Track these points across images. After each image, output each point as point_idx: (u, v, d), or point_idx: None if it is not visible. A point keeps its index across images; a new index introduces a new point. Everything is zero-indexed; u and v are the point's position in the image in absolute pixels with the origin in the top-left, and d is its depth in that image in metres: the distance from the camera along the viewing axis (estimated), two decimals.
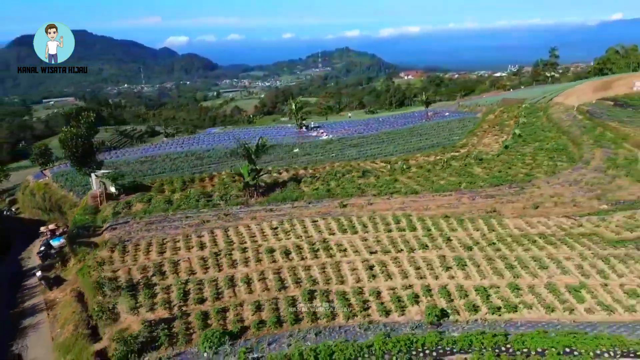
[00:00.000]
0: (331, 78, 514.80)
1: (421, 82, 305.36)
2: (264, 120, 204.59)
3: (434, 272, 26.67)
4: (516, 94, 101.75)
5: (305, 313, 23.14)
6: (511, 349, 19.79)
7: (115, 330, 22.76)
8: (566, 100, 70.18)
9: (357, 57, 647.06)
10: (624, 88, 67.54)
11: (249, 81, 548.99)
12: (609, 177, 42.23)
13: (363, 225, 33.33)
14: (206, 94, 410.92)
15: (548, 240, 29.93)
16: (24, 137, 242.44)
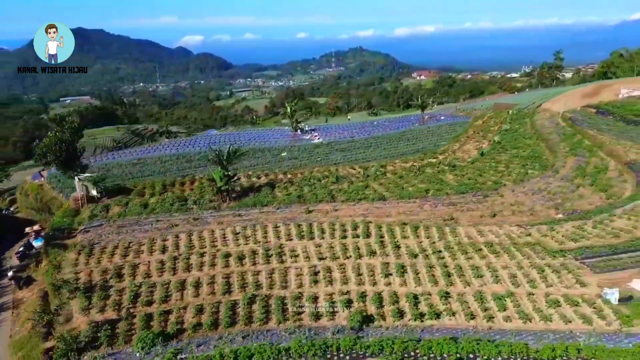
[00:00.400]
0: (344, 78, 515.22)
1: (433, 82, 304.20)
2: (268, 122, 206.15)
3: (374, 279, 27.93)
4: (517, 98, 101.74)
5: (241, 316, 24.62)
6: (419, 354, 20.99)
7: (65, 330, 24.53)
8: (553, 106, 70.44)
9: (371, 57, 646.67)
10: (610, 95, 67.50)
11: (262, 80, 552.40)
12: (573, 186, 42.89)
13: (321, 232, 34.70)
14: (219, 94, 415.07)
15: (492, 249, 30.94)
16: (39, 135, 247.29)
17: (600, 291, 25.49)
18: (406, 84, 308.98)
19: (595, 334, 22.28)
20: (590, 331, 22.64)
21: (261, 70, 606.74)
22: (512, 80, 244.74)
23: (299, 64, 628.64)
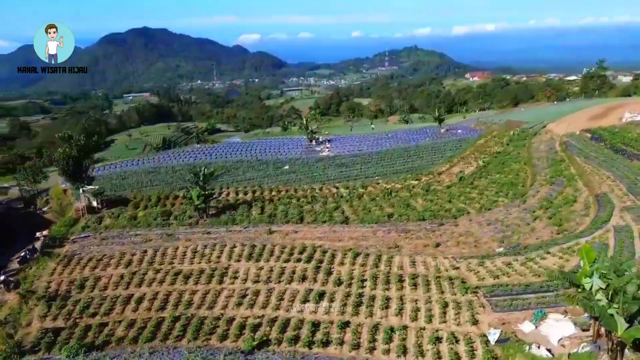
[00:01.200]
0: (396, 77, 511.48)
1: (486, 84, 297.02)
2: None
3: (291, 304, 30.89)
4: (550, 110, 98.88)
5: (161, 333, 28.43)
6: None
7: (22, 334, 29.37)
8: (557, 127, 69.55)
9: (425, 56, 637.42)
10: (616, 117, 65.81)
11: (314, 79, 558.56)
12: (531, 218, 43.59)
13: (270, 254, 37.98)
14: (270, 93, 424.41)
15: (414, 281, 32.95)
16: (99, 131, 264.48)
17: (487, 330, 27.18)
18: (458, 85, 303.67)
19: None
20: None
21: (314, 69, 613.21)
22: (570, 83, 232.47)
23: (352, 63, 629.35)
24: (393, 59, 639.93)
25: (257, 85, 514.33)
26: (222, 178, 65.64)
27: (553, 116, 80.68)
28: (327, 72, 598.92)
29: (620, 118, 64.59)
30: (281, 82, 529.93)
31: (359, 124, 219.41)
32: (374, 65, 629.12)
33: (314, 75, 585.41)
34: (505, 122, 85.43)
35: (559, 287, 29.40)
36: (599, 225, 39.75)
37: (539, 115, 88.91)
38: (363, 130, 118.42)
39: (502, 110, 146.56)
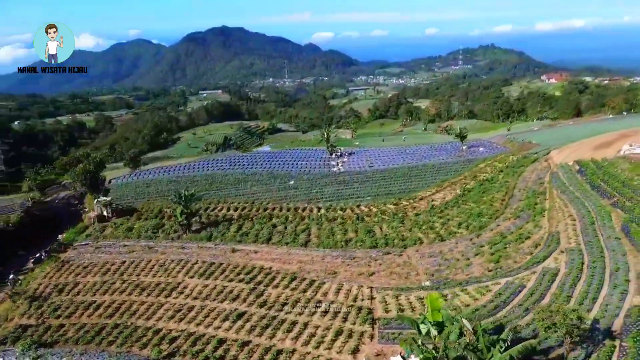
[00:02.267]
0: (469, 77, 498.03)
1: (562, 87, 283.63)
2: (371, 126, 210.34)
3: (212, 321, 36.07)
4: (593, 127, 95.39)
5: (99, 337, 34.82)
6: None
7: (2, 327, 37.16)
8: (558, 155, 68.67)
9: (503, 55, 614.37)
10: (616, 149, 63.81)
11: (384, 78, 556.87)
12: (474, 252, 45.52)
13: (221, 272, 43.52)
14: (334, 92, 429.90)
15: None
16: (169, 128, 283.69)
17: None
18: (530, 87, 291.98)
19: None
20: None
21: (384, 68, 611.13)
22: None
23: (423, 61, 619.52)
24: (467, 58, 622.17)
25: (325, 83, 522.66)
26: (228, 191, 72.23)
27: (582, 137, 78.49)
28: (397, 70, 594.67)
29: (619, 150, 62.79)
30: (350, 81, 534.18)
31: (414, 127, 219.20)
32: (447, 63, 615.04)
33: (384, 73, 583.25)
34: (520, 144, 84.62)
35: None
36: (530, 265, 41.25)
37: (571, 134, 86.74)
38: (395, 142, 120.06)
39: (553, 123, 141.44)
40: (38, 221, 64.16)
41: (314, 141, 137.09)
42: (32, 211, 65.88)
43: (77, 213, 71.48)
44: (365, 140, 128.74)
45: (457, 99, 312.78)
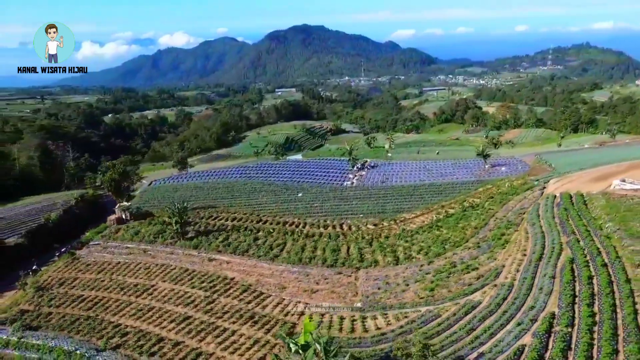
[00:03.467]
0: (557, 79, 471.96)
1: None
2: (434, 130, 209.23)
3: (161, 322, 43.39)
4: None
5: (72, 326, 43.43)
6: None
7: (8, 311, 47.16)
8: (554, 184, 68.05)
9: (599, 55, 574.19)
10: (607, 184, 62.20)
11: (463, 78, 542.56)
12: (416, 279, 48.88)
13: (190, 279, 50.90)
14: (407, 93, 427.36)
15: (255, 319, 42.83)
16: (240, 126, 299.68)
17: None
18: (622, 93, 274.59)
19: None
20: None
21: (465, 67, 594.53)
22: None
23: (509, 61, 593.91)
24: (558, 57, 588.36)
25: (401, 82, 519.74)
26: (241, 200, 79.69)
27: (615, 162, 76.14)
28: (479, 70, 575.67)
29: (610, 184, 61.43)
30: (427, 80, 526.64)
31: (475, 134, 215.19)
32: (534, 63, 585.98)
33: (464, 73, 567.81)
34: (531, 167, 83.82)
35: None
36: (457, 296, 44.28)
37: (604, 158, 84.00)
38: (428, 155, 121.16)
39: (606, 141, 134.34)
40: (77, 218, 76.03)
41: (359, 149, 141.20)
42: (74, 209, 77.88)
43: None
44: (401, 152, 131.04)
45: (535, 103, 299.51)
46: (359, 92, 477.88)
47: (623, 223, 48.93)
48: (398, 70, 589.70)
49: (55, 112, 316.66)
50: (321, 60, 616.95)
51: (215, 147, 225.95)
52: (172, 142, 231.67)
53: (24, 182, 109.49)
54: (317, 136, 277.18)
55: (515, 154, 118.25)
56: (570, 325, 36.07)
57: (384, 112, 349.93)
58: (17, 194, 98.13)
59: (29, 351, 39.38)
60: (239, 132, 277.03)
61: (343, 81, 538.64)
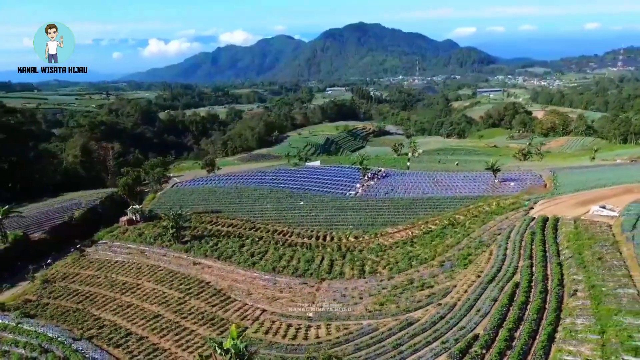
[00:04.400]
0: (627, 81, 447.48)
1: None
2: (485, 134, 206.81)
3: (134, 318, 49.87)
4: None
5: (62, 316, 50.83)
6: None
7: (16, 300, 55.47)
8: (540, 206, 68.70)
9: None
10: (586, 209, 62.05)
11: (523, 78, 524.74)
12: (371, 293, 52.46)
13: (171, 281, 57.28)
14: (459, 94, 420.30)
15: (203, 321, 48.31)
16: (284, 125, 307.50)
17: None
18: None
19: None
20: None
21: (527, 67, 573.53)
22: None
23: (575, 61, 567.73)
24: (630, 58, 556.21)
25: (456, 82, 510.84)
26: (247, 206, 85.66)
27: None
28: (541, 70, 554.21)
29: (588, 210, 61.43)
30: (484, 80, 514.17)
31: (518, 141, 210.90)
32: (603, 64, 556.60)
33: (525, 73, 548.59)
34: (528, 188, 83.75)
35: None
36: (400, 312, 47.73)
37: (612, 178, 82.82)
38: (447, 165, 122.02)
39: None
40: (99, 217, 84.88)
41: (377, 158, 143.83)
42: (98, 208, 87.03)
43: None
44: (424, 161, 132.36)
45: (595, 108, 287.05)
46: (411, 92, 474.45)
47: (578, 251, 50.31)
48: (455, 69, 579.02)
49: (116, 108, 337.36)
50: (375, 58, 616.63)
51: (257, 147, 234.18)
52: (216, 141, 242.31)
53: (68, 178, 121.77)
54: (359, 138, 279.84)
55: (541, 166, 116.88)
56: (486, 348, 38.92)
57: (431, 113, 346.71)
58: (62, 190, 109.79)
59: (21, 335, 46.93)
60: (283, 131, 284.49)
61: (396, 80, 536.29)
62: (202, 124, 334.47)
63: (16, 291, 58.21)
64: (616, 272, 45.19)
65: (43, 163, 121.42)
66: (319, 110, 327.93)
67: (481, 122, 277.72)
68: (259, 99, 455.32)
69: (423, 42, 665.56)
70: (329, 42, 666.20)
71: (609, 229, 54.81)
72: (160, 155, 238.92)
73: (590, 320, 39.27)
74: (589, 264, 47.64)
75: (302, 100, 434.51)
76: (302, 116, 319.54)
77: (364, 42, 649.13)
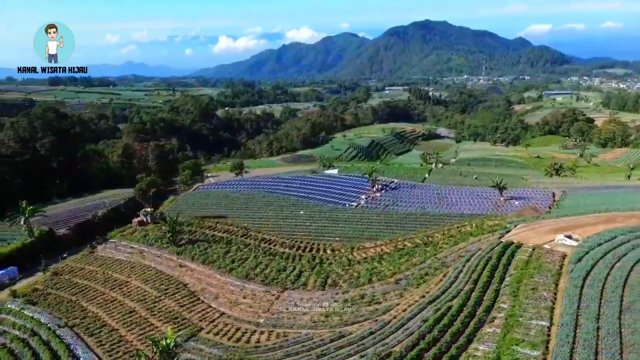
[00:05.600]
0: None
1: None
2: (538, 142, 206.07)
3: (111, 310, 58.53)
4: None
5: (55, 304, 60.59)
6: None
7: (28, 288, 66.21)
8: (516, 230, 70.27)
9: None
10: (552, 237, 62.93)
11: (600, 80, 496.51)
12: (322, 305, 57.74)
13: (154, 281, 65.76)
14: (522, 97, 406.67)
15: (166, 320, 55.97)
16: (335, 126, 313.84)
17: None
18: None
19: None
20: None
21: (605, 68, 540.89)
22: None
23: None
24: None
25: (524, 83, 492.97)
26: (250, 212, 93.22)
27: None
28: (622, 71, 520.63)
29: (554, 239, 62.50)
30: (557, 82, 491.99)
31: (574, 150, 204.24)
32: None
33: (603, 74, 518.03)
34: (521, 211, 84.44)
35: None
36: (338, 324, 52.87)
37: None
38: (468, 180, 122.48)
39: None
40: (121, 216, 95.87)
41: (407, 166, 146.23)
42: (121, 207, 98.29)
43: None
44: (445, 173, 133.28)
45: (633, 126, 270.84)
46: (474, 92, 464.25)
47: (518, 279, 53.29)
48: (524, 69, 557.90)
49: (178, 105, 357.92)
50: (440, 57, 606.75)
51: (301, 148, 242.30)
52: (263, 140, 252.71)
53: (111, 177, 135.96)
54: (406, 141, 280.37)
55: (562, 184, 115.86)
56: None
57: (488, 117, 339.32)
58: (104, 187, 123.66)
59: (20, 319, 57.10)
60: (331, 132, 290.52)
61: (460, 80, 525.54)
62: (257, 122, 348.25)
63: (30, 280, 69.26)
64: (541, 304, 48.20)
65: (90, 162, 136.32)
66: (370, 111, 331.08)
67: (537, 128, 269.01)
68: (317, 97, 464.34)
69: (492, 41, 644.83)
70: (392, 39, 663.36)
71: (562, 259, 56.81)
72: (211, 153, 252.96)
73: (491, 348, 43.04)
74: (520, 294, 50.73)
75: (357, 99, 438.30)
76: (352, 117, 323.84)
77: (429, 40, 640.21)
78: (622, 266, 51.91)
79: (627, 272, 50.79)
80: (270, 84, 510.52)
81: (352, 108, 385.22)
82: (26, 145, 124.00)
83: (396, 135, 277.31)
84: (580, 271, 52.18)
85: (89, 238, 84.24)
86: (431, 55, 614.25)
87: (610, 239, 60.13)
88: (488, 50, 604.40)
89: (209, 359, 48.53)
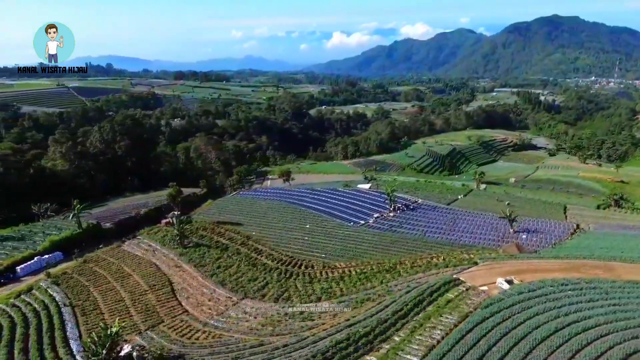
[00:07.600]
0: None
1: None
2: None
3: (108, 300, 75.56)
4: None
5: (68, 290, 79.25)
6: None
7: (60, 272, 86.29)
8: (478, 267, 74.61)
9: None
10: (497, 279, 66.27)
11: None
12: (264, 315, 69.29)
13: (151, 277, 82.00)
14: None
15: (143, 311, 71.32)
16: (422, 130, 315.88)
17: None
18: None
19: None
20: None
21: None
22: None
23: None
24: None
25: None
26: (261, 221, 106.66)
27: None
28: None
29: (494, 281, 66.17)
30: None
31: None
32: None
33: None
34: (505, 247, 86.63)
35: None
36: (266, 336, 64.37)
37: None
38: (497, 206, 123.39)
39: None
40: (161, 214, 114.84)
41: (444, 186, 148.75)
42: (162, 207, 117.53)
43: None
44: (485, 196, 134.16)
45: None
46: (597, 97, 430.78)
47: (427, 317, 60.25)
48: None
49: (275, 103, 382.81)
50: (566, 55, 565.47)
51: (377, 153, 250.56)
52: (340, 143, 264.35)
53: (177, 176, 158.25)
54: (493, 150, 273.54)
55: (611, 219, 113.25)
56: None
57: (602, 127, 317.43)
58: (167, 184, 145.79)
59: (42, 295, 76.42)
60: (417, 137, 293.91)
61: (585, 82, 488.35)
62: (347, 122, 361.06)
63: (66, 265, 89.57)
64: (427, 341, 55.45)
65: (161, 163, 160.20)
66: (464, 115, 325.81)
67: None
68: (417, 97, 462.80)
69: (631, 38, 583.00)
70: (512, 36, 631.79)
71: (483, 302, 62.26)
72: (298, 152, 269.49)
73: None
74: (418, 330, 58.13)
75: (460, 101, 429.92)
76: (443, 121, 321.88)
77: (555, 37, 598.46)
78: (516, 318, 56.33)
79: (516, 324, 55.31)
80: (372, 82, 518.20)
81: (452, 110, 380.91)
82: (109, 146, 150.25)
83: (483, 143, 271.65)
84: (478, 317, 57.82)
85: (127, 233, 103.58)
86: (555, 54, 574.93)
87: (537, 288, 63.83)
88: (625, 49, 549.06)
89: (153, 346, 62.69)
